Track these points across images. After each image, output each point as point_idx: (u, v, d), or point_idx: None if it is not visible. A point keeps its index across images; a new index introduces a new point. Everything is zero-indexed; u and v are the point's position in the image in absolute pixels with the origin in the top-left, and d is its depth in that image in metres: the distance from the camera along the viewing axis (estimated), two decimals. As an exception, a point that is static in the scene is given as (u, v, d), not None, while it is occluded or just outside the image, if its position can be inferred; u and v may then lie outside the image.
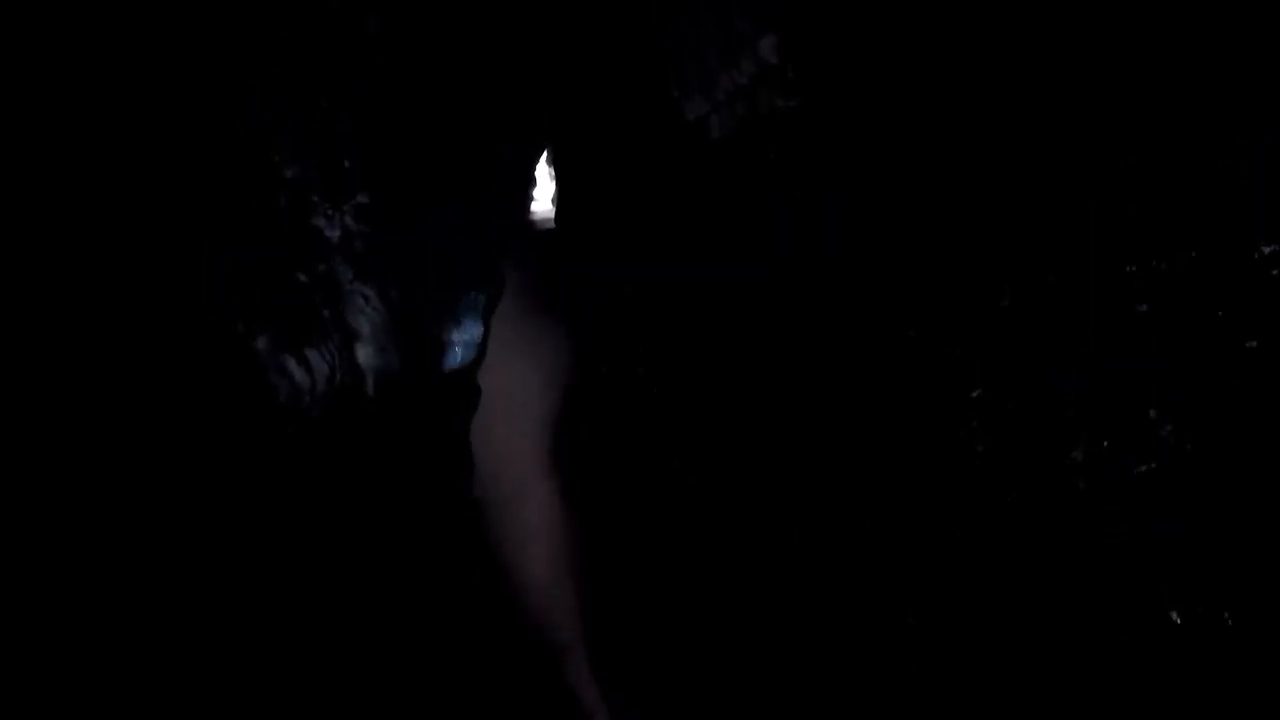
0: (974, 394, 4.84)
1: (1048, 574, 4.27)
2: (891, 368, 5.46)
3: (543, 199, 13.09)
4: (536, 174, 11.45)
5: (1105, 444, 4.01)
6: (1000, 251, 4.77)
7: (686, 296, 8.06)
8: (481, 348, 11.14)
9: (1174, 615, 3.59)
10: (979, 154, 4.96)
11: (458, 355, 10.61)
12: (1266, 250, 3.42)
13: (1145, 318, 3.87)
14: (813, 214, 6.15)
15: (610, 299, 9.59)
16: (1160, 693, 3.76)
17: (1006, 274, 4.71)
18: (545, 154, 11.70)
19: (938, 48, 5.19)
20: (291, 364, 6.41)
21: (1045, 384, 4.35)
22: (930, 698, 5.06)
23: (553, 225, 12.30)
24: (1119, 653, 3.92)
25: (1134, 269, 3.98)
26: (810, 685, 6.29)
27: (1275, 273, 3.39)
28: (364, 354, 8.35)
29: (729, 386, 7.25)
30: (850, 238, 5.78)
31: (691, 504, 8.48)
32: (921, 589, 5.12)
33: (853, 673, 5.79)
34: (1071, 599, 4.14)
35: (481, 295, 10.78)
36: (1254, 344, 3.38)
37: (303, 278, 6.74)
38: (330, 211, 7.24)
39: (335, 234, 7.35)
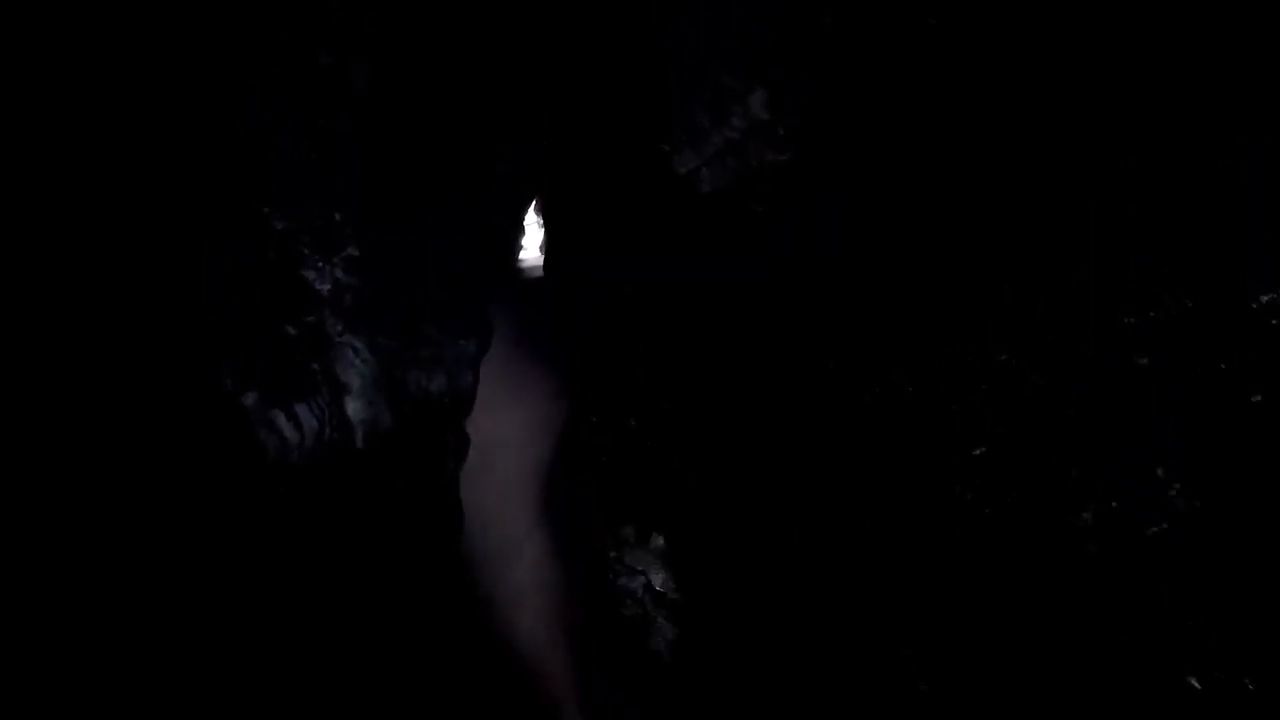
0: (976, 397, 4.80)
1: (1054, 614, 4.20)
2: (890, 369, 5.36)
3: (531, 247, 13.14)
4: (525, 223, 11.52)
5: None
6: (1000, 253, 4.75)
7: (686, 296, 7.88)
8: (470, 397, 11.05)
9: (1193, 681, 3.48)
10: (978, 155, 4.98)
11: (447, 406, 10.53)
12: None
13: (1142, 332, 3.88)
14: (813, 214, 6.06)
15: (609, 299, 9.40)
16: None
17: (1006, 275, 4.70)
18: (534, 204, 11.80)
19: (936, 56, 5.20)
20: (281, 420, 6.29)
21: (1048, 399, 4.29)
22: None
23: (540, 274, 12.29)
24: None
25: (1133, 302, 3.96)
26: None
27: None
28: (353, 407, 8.23)
29: (730, 388, 7.12)
30: (850, 238, 5.71)
31: (692, 551, 8.26)
32: (920, 606, 5.04)
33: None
34: (1081, 650, 4.07)
35: (471, 344, 10.72)
36: (1258, 398, 3.36)
37: (291, 330, 6.64)
38: (321, 263, 7.21)
39: (325, 287, 7.30)
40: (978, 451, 4.60)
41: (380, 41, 7.68)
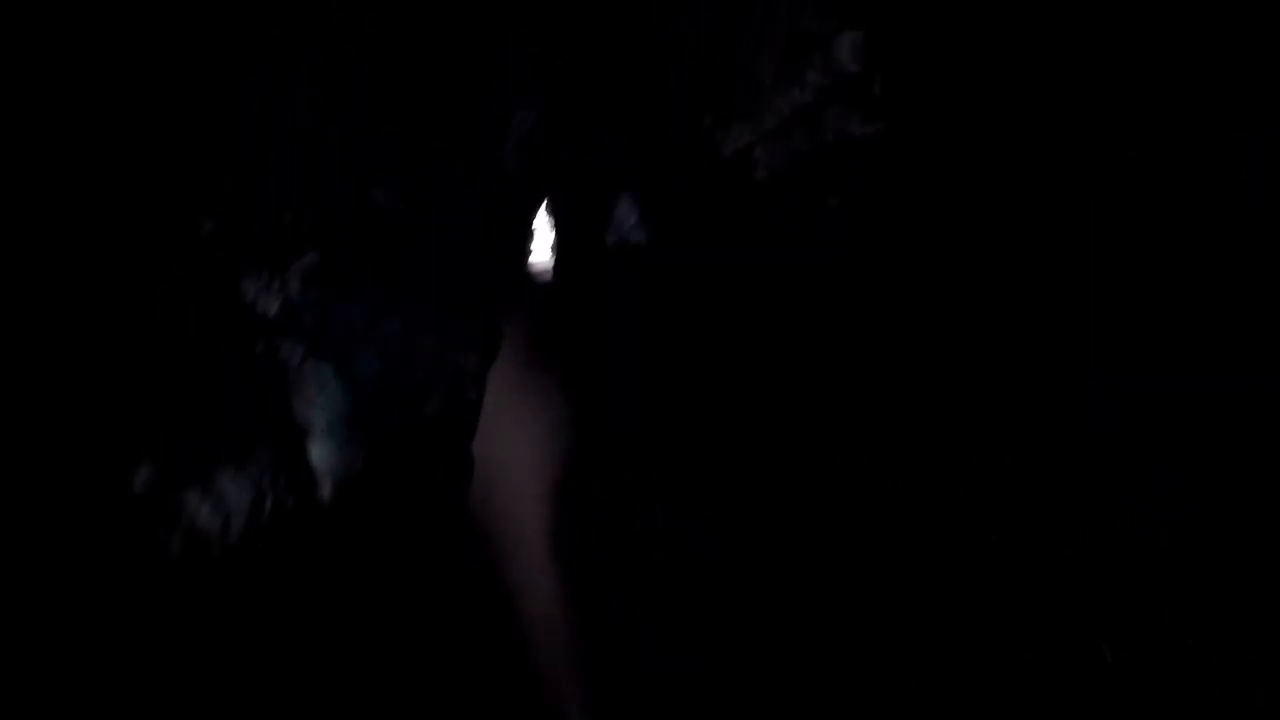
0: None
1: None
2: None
3: (540, 249, 11.59)
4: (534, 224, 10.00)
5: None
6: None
7: (729, 280, 6.64)
8: (474, 417, 9.60)
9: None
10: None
11: (445, 430, 9.07)
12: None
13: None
14: (908, 212, 5.11)
15: (632, 303, 8.37)
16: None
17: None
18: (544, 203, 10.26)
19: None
20: (193, 502, 4.69)
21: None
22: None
23: (550, 277, 10.81)
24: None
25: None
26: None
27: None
28: (320, 452, 6.70)
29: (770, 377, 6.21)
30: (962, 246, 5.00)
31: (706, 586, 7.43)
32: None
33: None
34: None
35: (474, 356, 9.20)
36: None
37: (224, 366, 5.15)
38: (265, 276, 5.71)
39: (272, 306, 5.81)
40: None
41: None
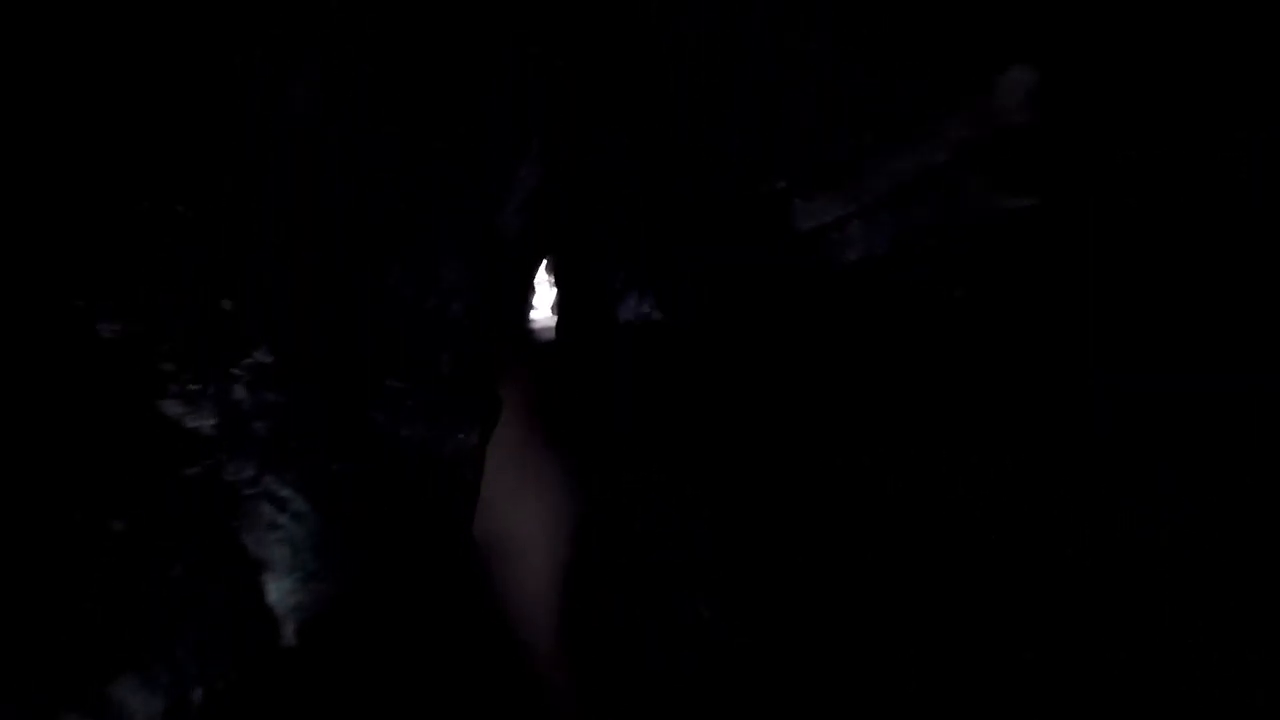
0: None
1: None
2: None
3: (542, 306, 10.29)
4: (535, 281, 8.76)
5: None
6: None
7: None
8: (472, 504, 8.30)
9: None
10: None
11: (441, 529, 7.74)
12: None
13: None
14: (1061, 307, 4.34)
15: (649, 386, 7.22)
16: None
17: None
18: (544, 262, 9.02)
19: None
20: None
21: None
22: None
23: (552, 334, 9.55)
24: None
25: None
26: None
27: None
28: (279, 591, 5.37)
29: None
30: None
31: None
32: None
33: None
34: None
35: (474, 435, 7.91)
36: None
37: (119, 525, 3.82)
38: (197, 384, 4.43)
39: (207, 422, 4.52)
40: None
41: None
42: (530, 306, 9.74)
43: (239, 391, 4.68)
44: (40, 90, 3.75)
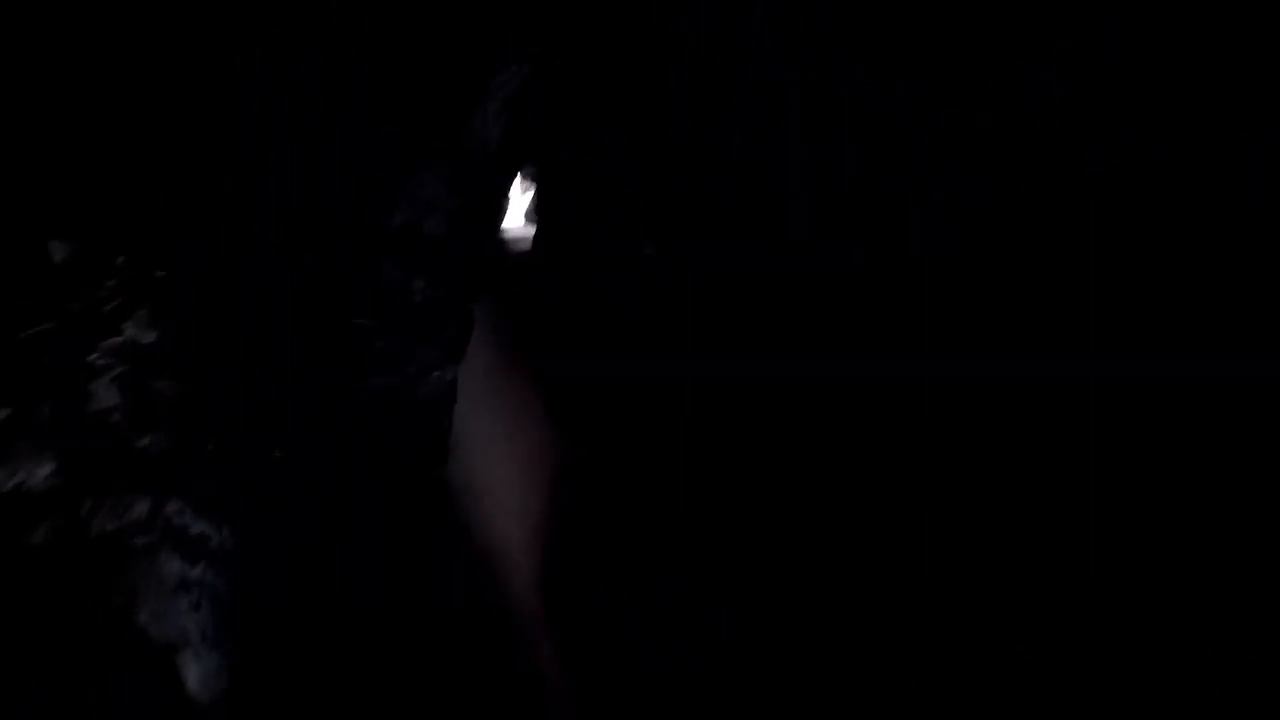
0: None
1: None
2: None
3: (514, 213, 9.25)
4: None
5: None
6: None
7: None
8: (444, 445, 7.89)
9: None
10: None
11: (404, 481, 7.64)
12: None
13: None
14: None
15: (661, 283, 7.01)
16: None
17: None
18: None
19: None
20: None
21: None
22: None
23: (528, 247, 8.55)
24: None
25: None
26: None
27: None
28: (200, 674, 4.11)
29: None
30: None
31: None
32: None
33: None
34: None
35: (452, 369, 7.56)
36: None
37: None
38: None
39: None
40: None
41: None
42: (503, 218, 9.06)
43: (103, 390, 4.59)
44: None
